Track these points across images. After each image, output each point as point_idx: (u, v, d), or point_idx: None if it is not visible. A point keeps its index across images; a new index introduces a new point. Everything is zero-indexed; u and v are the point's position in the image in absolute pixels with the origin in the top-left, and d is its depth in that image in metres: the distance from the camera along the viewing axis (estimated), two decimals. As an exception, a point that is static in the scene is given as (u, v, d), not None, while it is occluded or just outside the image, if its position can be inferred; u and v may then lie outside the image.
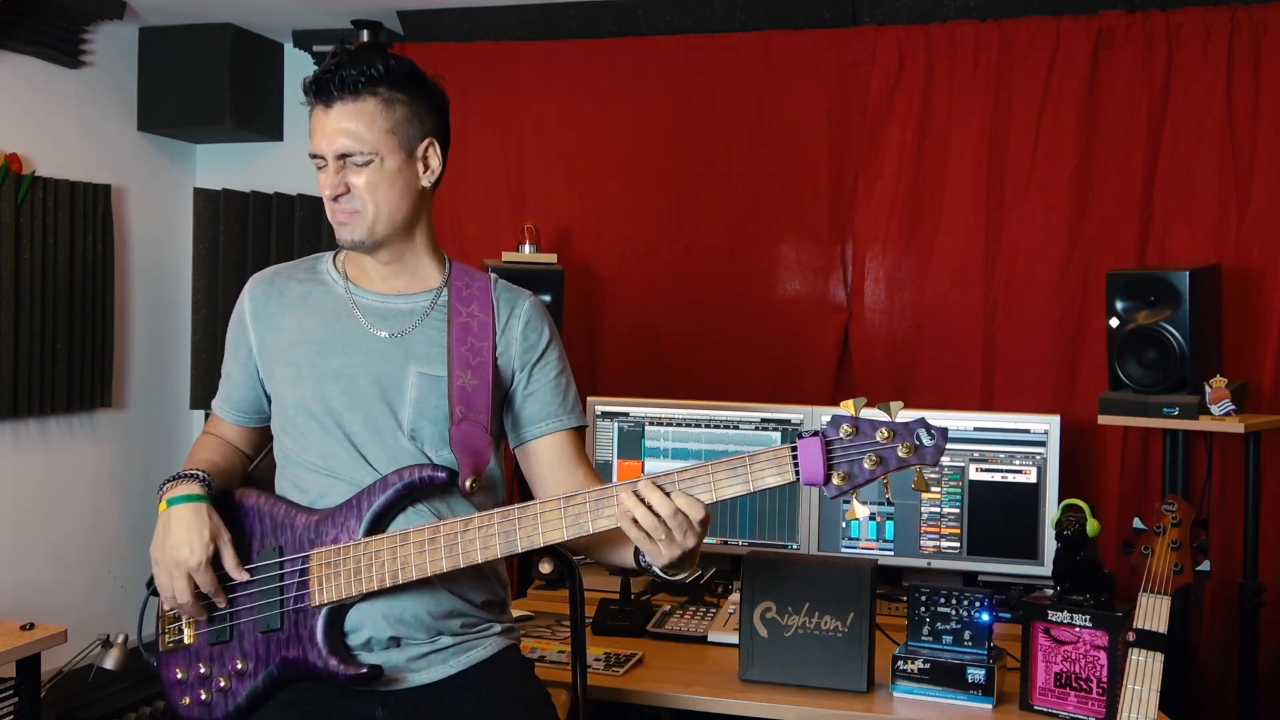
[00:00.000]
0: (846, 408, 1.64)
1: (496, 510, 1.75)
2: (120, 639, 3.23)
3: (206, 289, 4.19)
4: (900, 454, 1.62)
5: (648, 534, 1.66)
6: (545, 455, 1.95)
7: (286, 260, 4.18)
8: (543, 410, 1.95)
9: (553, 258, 3.44)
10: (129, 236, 4.17)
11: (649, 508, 1.65)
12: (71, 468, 3.96)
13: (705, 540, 1.58)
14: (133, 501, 4.17)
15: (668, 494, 1.66)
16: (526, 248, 3.49)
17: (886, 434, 1.63)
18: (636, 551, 1.79)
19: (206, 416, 4.12)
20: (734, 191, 3.63)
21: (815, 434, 1.64)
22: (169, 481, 1.87)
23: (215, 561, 1.83)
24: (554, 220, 3.72)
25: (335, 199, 1.84)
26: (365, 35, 3.92)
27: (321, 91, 1.81)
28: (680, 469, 1.68)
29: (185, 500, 1.83)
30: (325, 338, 1.90)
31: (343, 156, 1.83)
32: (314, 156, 1.85)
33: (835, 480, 1.64)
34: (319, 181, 1.87)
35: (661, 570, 1.75)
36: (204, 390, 4.23)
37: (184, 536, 1.81)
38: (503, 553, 1.74)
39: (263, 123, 4.23)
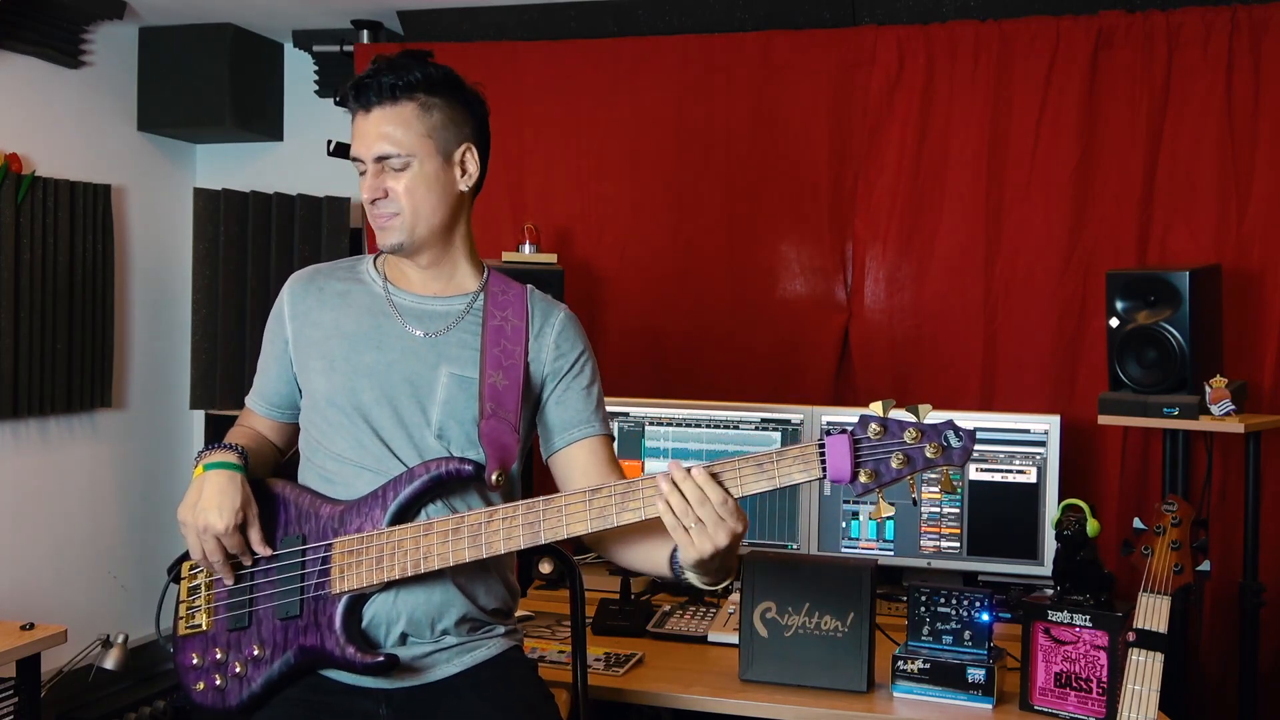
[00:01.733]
0: (875, 408, 1.65)
1: (521, 502, 1.76)
2: (120, 639, 3.23)
3: (206, 289, 4.18)
4: (928, 454, 1.63)
5: (678, 519, 1.65)
6: (580, 459, 1.95)
7: (286, 261, 4.19)
8: (576, 416, 1.95)
9: (553, 258, 3.44)
10: (129, 236, 4.17)
11: (680, 493, 1.65)
12: (71, 468, 3.96)
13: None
14: (133, 501, 4.17)
15: (694, 480, 1.65)
16: (526, 248, 3.49)
17: (915, 434, 1.64)
18: (671, 559, 1.78)
19: (207, 417, 4.16)
20: (734, 191, 3.63)
21: (843, 432, 1.65)
22: (207, 449, 1.90)
23: (242, 534, 1.85)
24: (554, 220, 3.72)
25: (373, 202, 1.87)
26: (365, 35, 3.93)
27: (360, 97, 1.85)
28: (707, 464, 1.68)
29: (222, 467, 1.85)
30: (360, 333, 1.92)
31: (381, 159, 1.86)
32: (355, 160, 1.88)
33: (862, 478, 1.64)
34: (360, 186, 1.90)
35: (693, 572, 1.73)
36: (204, 390, 4.23)
37: (215, 501, 1.82)
38: (526, 544, 1.75)
39: (263, 123, 4.23)
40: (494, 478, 1.85)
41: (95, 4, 3.79)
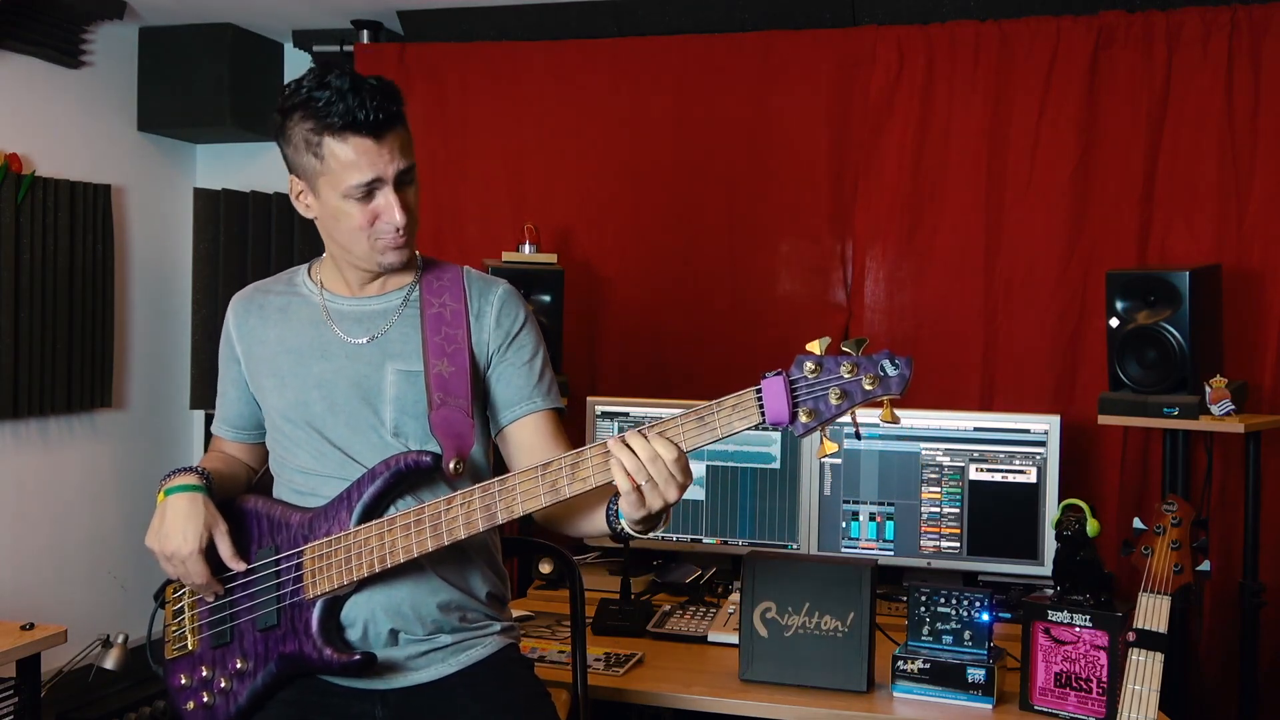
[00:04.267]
0: (812, 347, 1.63)
1: (477, 486, 1.76)
2: (120, 639, 3.23)
3: (206, 289, 4.19)
4: (865, 386, 1.61)
5: (630, 477, 1.64)
6: (524, 436, 1.94)
7: (286, 261, 4.20)
8: (517, 393, 1.95)
9: (553, 258, 3.44)
10: (129, 236, 4.17)
11: (632, 452, 1.65)
12: (71, 468, 3.96)
13: (704, 539, 1.58)
14: (133, 501, 4.17)
15: (646, 438, 1.65)
16: (526, 248, 3.49)
17: (850, 368, 1.61)
18: (607, 514, 1.78)
19: (207, 417, 4.15)
20: (734, 191, 3.63)
21: (779, 373, 1.64)
22: (168, 475, 1.89)
23: (214, 553, 1.85)
24: (554, 220, 3.72)
25: (397, 228, 1.83)
26: (365, 35, 3.93)
27: (366, 126, 1.77)
28: (650, 423, 1.68)
29: (182, 490, 1.86)
30: (304, 346, 1.93)
31: (400, 177, 1.82)
32: (368, 184, 1.80)
33: (802, 418, 1.62)
34: (351, 211, 1.81)
35: (633, 526, 1.73)
36: (204, 390, 4.23)
37: (178, 525, 1.83)
38: (484, 526, 1.75)
39: (263, 123, 4.22)
40: (452, 466, 1.85)
41: (95, 4, 3.79)
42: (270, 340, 1.96)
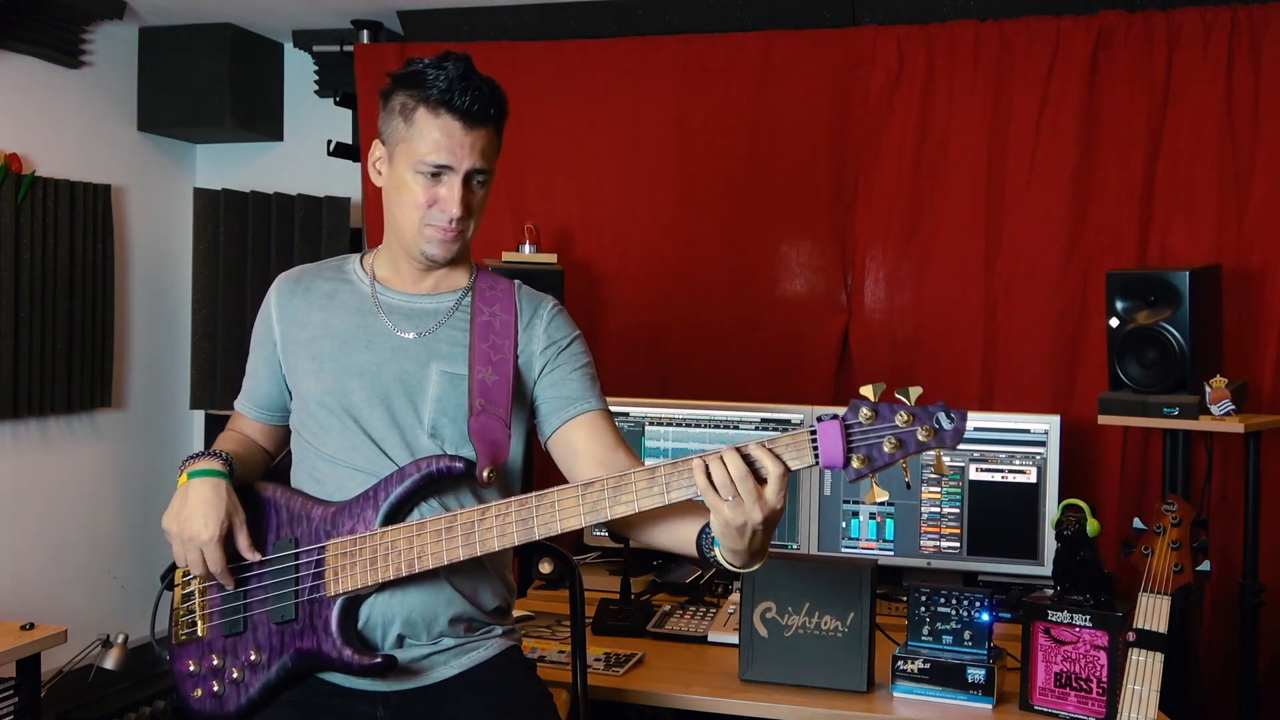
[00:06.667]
0: (865, 393, 1.64)
1: (514, 499, 1.75)
2: (120, 639, 3.23)
3: (206, 289, 4.19)
4: (920, 437, 1.61)
5: (717, 491, 1.61)
6: (580, 437, 1.92)
7: (286, 261, 4.21)
8: (573, 393, 1.93)
9: (553, 258, 3.44)
10: (129, 236, 4.17)
11: (725, 467, 1.61)
12: (71, 468, 3.96)
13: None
14: (133, 501, 4.17)
15: (737, 455, 1.61)
16: (526, 248, 3.49)
17: (906, 417, 1.61)
18: (699, 539, 1.75)
19: (207, 417, 4.16)
20: (734, 191, 3.63)
21: (834, 417, 1.63)
22: (191, 457, 1.88)
23: (230, 542, 1.84)
24: (554, 220, 3.72)
25: (460, 217, 1.86)
26: (365, 35, 3.93)
27: (466, 110, 1.82)
28: (700, 454, 1.66)
29: (206, 475, 1.84)
30: (349, 333, 1.92)
31: (472, 174, 1.86)
32: (439, 166, 1.84)
33: (855, 463, 1.62)
34: (414, 186, 1.85)
35: (726, 553, 1.69)
36: (204, 390, 4.23)
37: (199, 510, 1.82)
38: (520, 540, 1.74)
39: (263, 123, 4.23)
40: (485, 474, 1.84)
41: (95, 4, 3.79)
42: (313, 324, 1.95)
